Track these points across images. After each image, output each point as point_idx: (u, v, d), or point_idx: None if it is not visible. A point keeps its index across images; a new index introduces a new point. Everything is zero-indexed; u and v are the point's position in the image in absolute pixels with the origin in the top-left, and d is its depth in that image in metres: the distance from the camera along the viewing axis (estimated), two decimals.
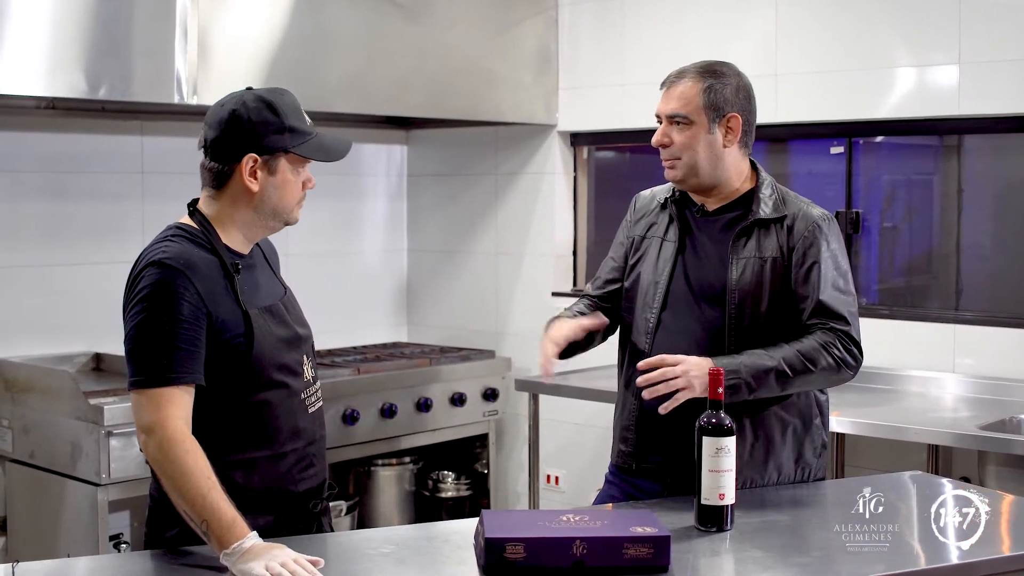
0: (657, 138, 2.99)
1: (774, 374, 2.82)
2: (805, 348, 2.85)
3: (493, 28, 5.35)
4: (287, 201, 2.62)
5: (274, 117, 2.56)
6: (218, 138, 2.57)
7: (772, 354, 2.84)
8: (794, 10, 4.85)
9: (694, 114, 2.92)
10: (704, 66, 2.97)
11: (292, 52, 4.62)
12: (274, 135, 2.56)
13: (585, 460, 5.47)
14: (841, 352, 2.87)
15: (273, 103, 2.57)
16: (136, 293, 2.49)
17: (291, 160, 2.59)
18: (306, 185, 2.66)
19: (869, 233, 4.92)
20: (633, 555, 2.30)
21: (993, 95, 4.39)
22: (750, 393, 2.81)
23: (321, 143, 2.63)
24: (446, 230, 6.07)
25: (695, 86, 2.93)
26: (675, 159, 2.96)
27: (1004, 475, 3.96)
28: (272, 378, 2.58)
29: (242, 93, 2.60)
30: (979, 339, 4.48)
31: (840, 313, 2.89)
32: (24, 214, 4.77)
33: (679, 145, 2.94)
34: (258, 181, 2.57)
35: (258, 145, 2.55)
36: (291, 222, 2.67)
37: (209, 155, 2.60)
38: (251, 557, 2.28)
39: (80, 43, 4.11)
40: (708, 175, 2.96)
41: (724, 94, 2.93)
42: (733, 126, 2.94)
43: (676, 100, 2.95)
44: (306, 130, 2.61)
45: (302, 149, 2.59)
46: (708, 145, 2.93)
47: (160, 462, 2.40)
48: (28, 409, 4.45)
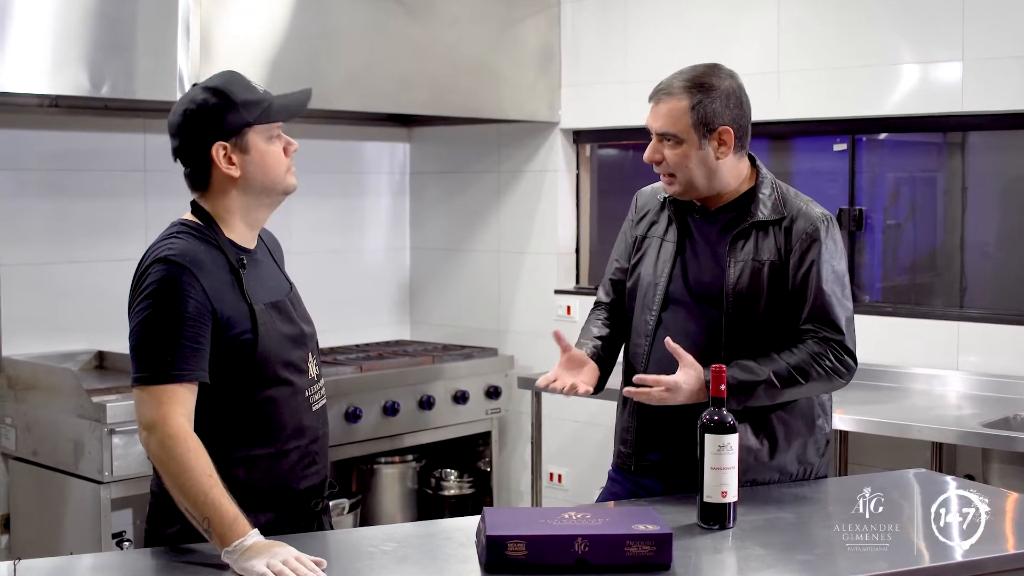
0: (648, 155, 2.95)
1: (763, 387, 2.82)
2: (795, 361, 2.84)
3: (495, 26, 5.35)
4: (273, 172, 2.60)
5: (223, 100, 2.54)
6: (183, 142, 2.58)
7: (763, 367, 2.83)
8: (797, 7, 4.85)
9: (683, 133, 2.88)
10: (691, 79, 2.90)
11: (294, 50, 4.62)
12: (230, 115, 2.54)
13: (588, 458, 5.46)
14: (833, 363, 2.86)
15: (217, 87, 2.56)
16: (142, 290, 2.48)
17: (259, 132, 2.57)
18: (288, 150, 2.63)
19: (872, 231, 4.91)
20: (635, 553, 2.30)
21: (997, 92, 4.38)
22: (740, 405, 2.80)
23: (279, 104, 2.61)
24: (449, 228, 6.07)
25: (681, 104, 2.87)
26: (670, 175, 2.94)
27: (1008, 473, 3.96)
28: (277, 375, 2.58)
29: (189, 91, 2.61)
30: (983, 337, 4.47)
31: (835, 321, 2.87)
32: (27, 212, 4.78)
33: (671, 163, 2.91)
34: (236, 165, 2.56)
35: (220, 131, 2.54)
36: (289, 190, 2.65)
37: (183, 162, 2.60)
38: (253, 555, 2.27)
39: (83, 41, 4.11)
40: (705, 187, 2.94)
41: (713, 108, 2.87)
42: (725, 139, 2.89)
43: (664, 118, 2.90)
44: (260, 98, 2.59)
45: (263, 116, 2.57)
46: (700, 161, 2.90)
47: (162, 459, 2.40)
48: (31, 407, 4.45)
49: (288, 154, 2.63)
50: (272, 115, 2.59)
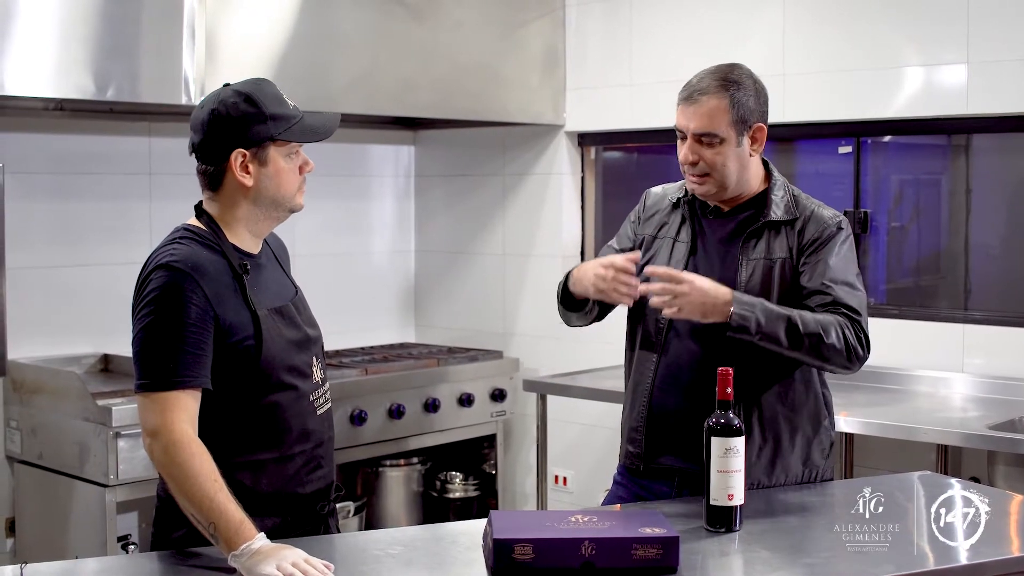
0: (686, 156, 2.91)
1: (786, 322, 2.77)
2: (821, 317, 2.81)
3: (500, 28, 5.35)
4: (285, 189, 2.60)
5: (254, 108, 2.54)
6: (204, 140, 2.57)
7: (790, 308, 2.81)
8: (802, 10, 4.85)
9: (724, 131, 2.87)
10: (721, 77, 2.90)
11: (299, 53, 4.62)
12: (257, 126, 2.54)
13: (593, 461, 5.46)
14: (853, 338, 2.82)
15: (251, 95, 2.56)
16: (144, 296, 2.49)
17: (280, 147, 2.57)
18: (303, 169, 2.64)
19: (877, 233, 4.91)
20: (642, 556, 2.30)
21: (1002, 94, 4.38)
22: (757, 333, 2.75)
23: (306, 124, 2.61)
24: (454, 231, 6.07)
25: (721, 102, 2.87)
26: (705, 176, 2.92)
27: (1013, 475, 3.95)
28: (281, 380, 2.58)
29: (220, 91, 2.59)
30: (988, 339, 4.47)
31: (852, 305, 2.87)
32: (32, 215, 4.78)
33: (710, 163, 2.89)
34: (251, 175, 2.56)
35: (243, 139, 2.54)
36: (295, 209, 2.65)
37: (199, 159, 2.60)
38: (261, 558, 2.27)
39: (88, 45, 4.12)
40: (735, 186, 2.94)
41: (748, 105, 2.89)
42: (758, 136, 2.92)
43: (704, 118, 2.88)
44: (289, 114, 2.59)
45: (288, 134, 2.57)
46: (737, 158, 2.90)
47: (166, 465, 2.40)
48: (36, 410, 4.46)
49: (303, 172, 2.64)
50: (296, 135, 2.58)
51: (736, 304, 2.75)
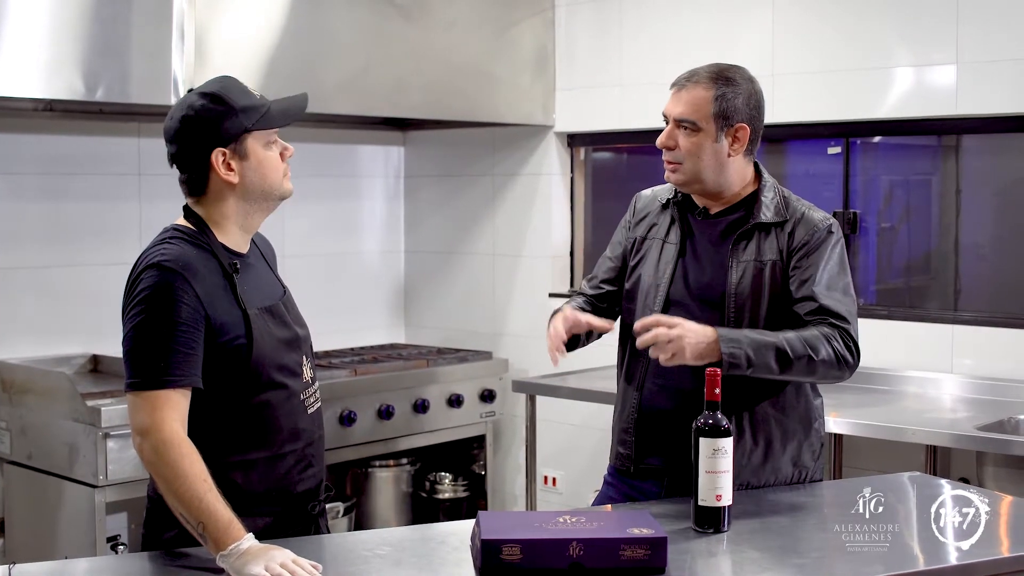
0: (662, 140, 2.95)
1: (775, 351, 2.77)
2: (807, 335, 2.81)
3: (490, 29, 5.35)
4: (271, 178, 2.61)
5: (222, 106, 2.55)
6: (180, 148, 2.58)
7: (775, 334, 2.82)
8: (791, 10, 4.85)
9: (703, 121, 2.89)
10: (717, 71, 2.92)
11: (289, 53, 4.62)
12: (229, 121, 2.55)
13: (583, 461, 5.46)
14: (841, 347, 2.83)
15: (215, 93, 2.56)
16: (135, 295, 2.49)
17: (257, 138, 2.58)
18: (284, 155, 2.64)
19: (867, 233, 4.92)
20: (630, 556, 2.30)
21: (991, 95, 4.39)
22: (749, 367, 2.76)
23: (277, 109, 2.62)
24: (443, 231, 6.07)
25: (707, 93, 2.89)
26: (678, 163, 2.94)
27: (1002, 476, 3.96)
28: (272, 379, 2.58)
29: (185, 97, 2.60)
30: (977, 340, 4.47)
31: (840, 312, 2.87)
32: (22, 215, 4.77)
33: (684, 150, 2.91)
34: (235, 171, 2.57)
35: (219, 138, 2.55)
36: (285, 195, 2.66)
37: (180, 168, 2.61)
38: (249, 558, 2.27)
39: (78, 45, 4.11)
40: (711, 182, 2.94)
41: (735, 103, 2.89)
42: (740, 136, 2.91)
43: (686, 104, 2.90)
44: (257, 103, 2.60)
45: (262, 122, 2.58)
46: (713, 153, 2.91)
47: (155, 465, 2.40)
48: (26, 410, 4.45)
49: (284, 159, 2.64)
50: (270, 121, 2.59)
51: (723, 343, 2.74)
